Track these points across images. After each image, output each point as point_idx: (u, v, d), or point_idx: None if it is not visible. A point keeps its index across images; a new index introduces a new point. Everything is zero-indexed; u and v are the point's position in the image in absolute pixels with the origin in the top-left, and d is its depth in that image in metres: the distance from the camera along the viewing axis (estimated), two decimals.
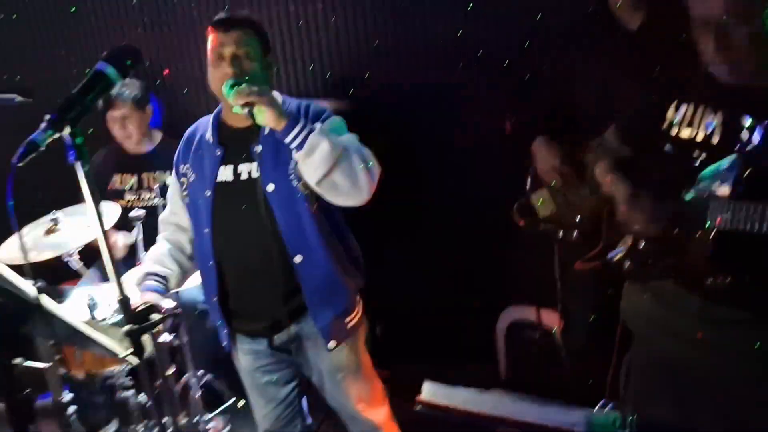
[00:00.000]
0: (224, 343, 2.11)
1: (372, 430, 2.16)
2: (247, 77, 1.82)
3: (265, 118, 1.76)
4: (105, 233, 1.16)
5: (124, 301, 1.14)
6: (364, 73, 2.94)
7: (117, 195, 3.07)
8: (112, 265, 1.14)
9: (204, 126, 2.04)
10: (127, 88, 2.92)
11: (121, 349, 1.27)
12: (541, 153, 2.37)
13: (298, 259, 1.91)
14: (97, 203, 1.13)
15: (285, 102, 1.96)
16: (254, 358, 2.09)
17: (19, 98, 2.50)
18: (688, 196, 1.57)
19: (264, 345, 2.06)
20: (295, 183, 1.90)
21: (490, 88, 2.73)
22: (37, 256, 2.18)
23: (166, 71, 3.16)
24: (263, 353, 2.08)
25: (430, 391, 1.08)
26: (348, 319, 2.04)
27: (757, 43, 1.44)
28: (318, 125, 1.82)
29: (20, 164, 1.07)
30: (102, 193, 3.09)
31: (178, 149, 2.08)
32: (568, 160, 2.26)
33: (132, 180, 3.07)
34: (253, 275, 1.97)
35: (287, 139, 1.78)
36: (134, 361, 1.17)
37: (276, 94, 1.94)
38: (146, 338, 1.16)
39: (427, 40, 2.82)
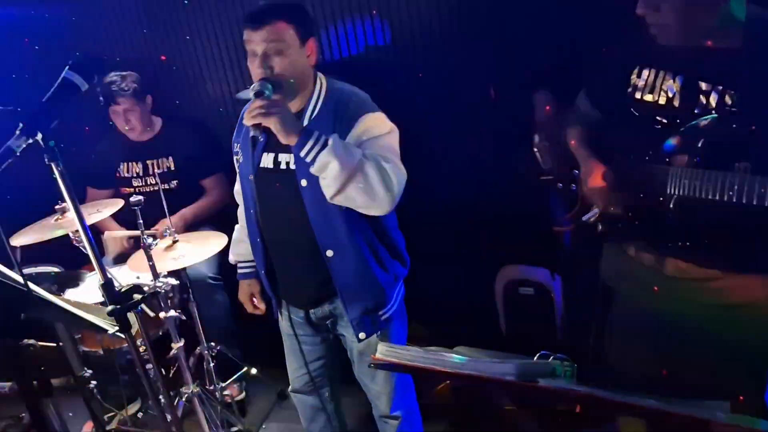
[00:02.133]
0: (273, 309, 2.23)
1: (392, 417, 2.23)
2: (275, 78, 1.81)
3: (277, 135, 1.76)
4: (84, 224, 1.27)
5: (107, 284, 1.26)
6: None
7: (125, 183, 3.20)
8: (92, 251, 1.26)
9: None
10: (126, 81, 3.02)
11: (110, 326, 1.38)
12: (540, 105, 2.36)
13: (329, 253, 1.94)
14: (73, 198, 1.24)
15: (334, 91, 1.93)
16: (291, 325, 2.19)
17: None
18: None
19: (302, 316, 2.15)
20: None
21: (476, 57, 2.76)
22: (49, 235, 2.35)
23: (163, 57, 3.24)
24: (300, 323, 2.17)
25: (382, 351, 1.18)
26: (381, 312, 2.05)
27: (677, 4, 1.48)
28: (331, 140, 1.75)
29: None
30: (110, 181, 3.23)
31: (236, 126, 2.11)
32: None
33: (138, 167, 3.19)
34: (291, 259, 2.04)
35: (300, 155, 1.77)
36: (121, 336, 1.29)
37: (321, 80, 1.93)
38: (132, 316, 1.28)
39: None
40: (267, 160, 1.97)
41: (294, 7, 1.90)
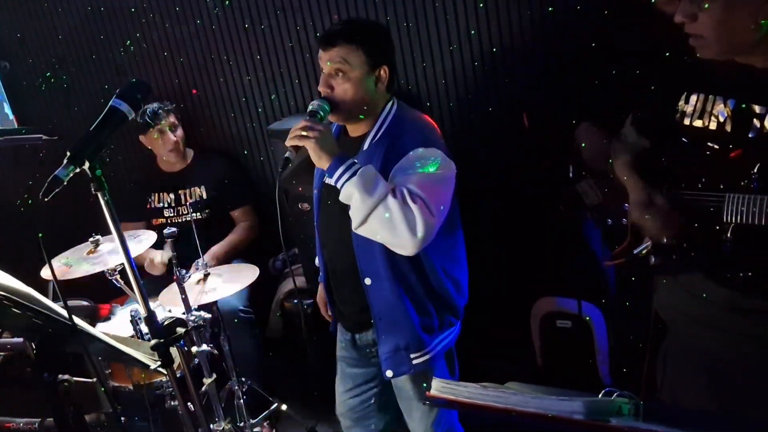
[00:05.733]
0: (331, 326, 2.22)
1: None
2: (333, 99, 1.83)
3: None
4: (129, 255, 1.24)
5: (150, 317, 1.23)
6: None
7: (156, 213, 3.20)
8: (137, 284, 1.23)
9: None
10: (165, 104, 3.09)
11: (151, 361, 1.35)
12: (588, 138, 2.28)
13: (368, 281, 1.91)
14: (118, 228, 1.22)
15: (400, 118, 1.89)
16: (342, 346, 2.18)
17: (44, 137, 2.65)
18: None
19: (348, 339, 2.12)
20: None
21: (509, 80, 2.73)
22: (80, 273, 2.32)
23: (194, 91, 3.27)
24: (348, 346, 2.14)
25: (437, 387, 1.12)
26: (413, 356, 1.96)
27: (714, 16, 1.41)
28: (361, 170, 1.73)
29: (47, 199, 1.16)
30: (142, 212, 3.23)
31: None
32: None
33: (169, 197, 3.19)
34: (341, 278, 2.04)
35: (331, 181, 1.76)
36: (163, 371, 1.25)
37: (393, 105, 1.90)
38: (174, 351, 1.24)
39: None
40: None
41: (368, 31, 1.89)
